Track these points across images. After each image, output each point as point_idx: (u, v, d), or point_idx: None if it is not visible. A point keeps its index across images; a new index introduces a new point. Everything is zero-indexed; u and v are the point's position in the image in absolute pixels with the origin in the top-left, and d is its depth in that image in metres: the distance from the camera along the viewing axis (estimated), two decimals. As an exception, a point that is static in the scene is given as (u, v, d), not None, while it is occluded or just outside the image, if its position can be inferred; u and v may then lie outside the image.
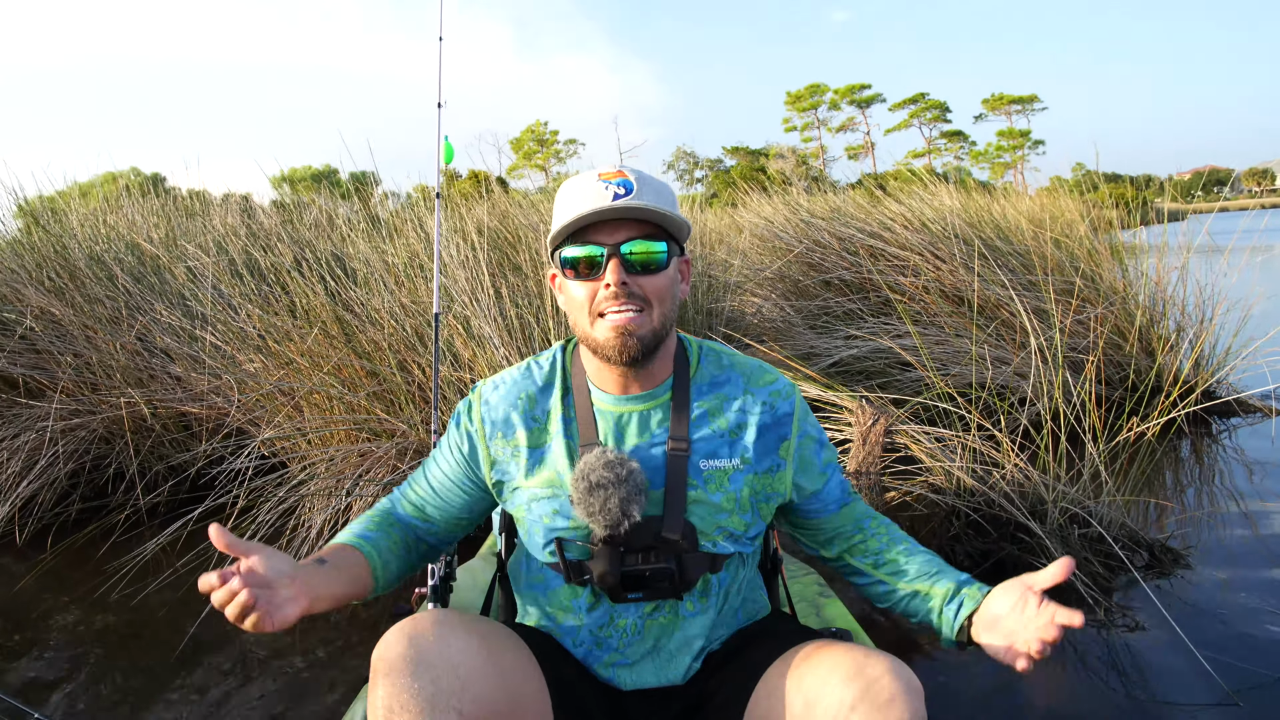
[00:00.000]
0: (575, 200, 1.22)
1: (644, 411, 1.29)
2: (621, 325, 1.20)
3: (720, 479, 1.27)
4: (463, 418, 1.37)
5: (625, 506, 1.19)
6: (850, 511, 1.41)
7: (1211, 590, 2.48)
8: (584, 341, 1.26)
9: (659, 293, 1.23)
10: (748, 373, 1.35)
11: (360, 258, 3.96)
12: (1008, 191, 7.20)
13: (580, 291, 1.23)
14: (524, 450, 1.31)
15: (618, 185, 1.21)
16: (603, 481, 1.19)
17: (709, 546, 1.26)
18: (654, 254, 1.22)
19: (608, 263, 1.20)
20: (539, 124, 58.14)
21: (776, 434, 1.31)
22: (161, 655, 2.54)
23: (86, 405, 3.76)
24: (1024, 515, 2.57)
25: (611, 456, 1.21)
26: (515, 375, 1.37)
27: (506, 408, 1.33)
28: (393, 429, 3.34)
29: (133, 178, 13.87)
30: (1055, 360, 3.21)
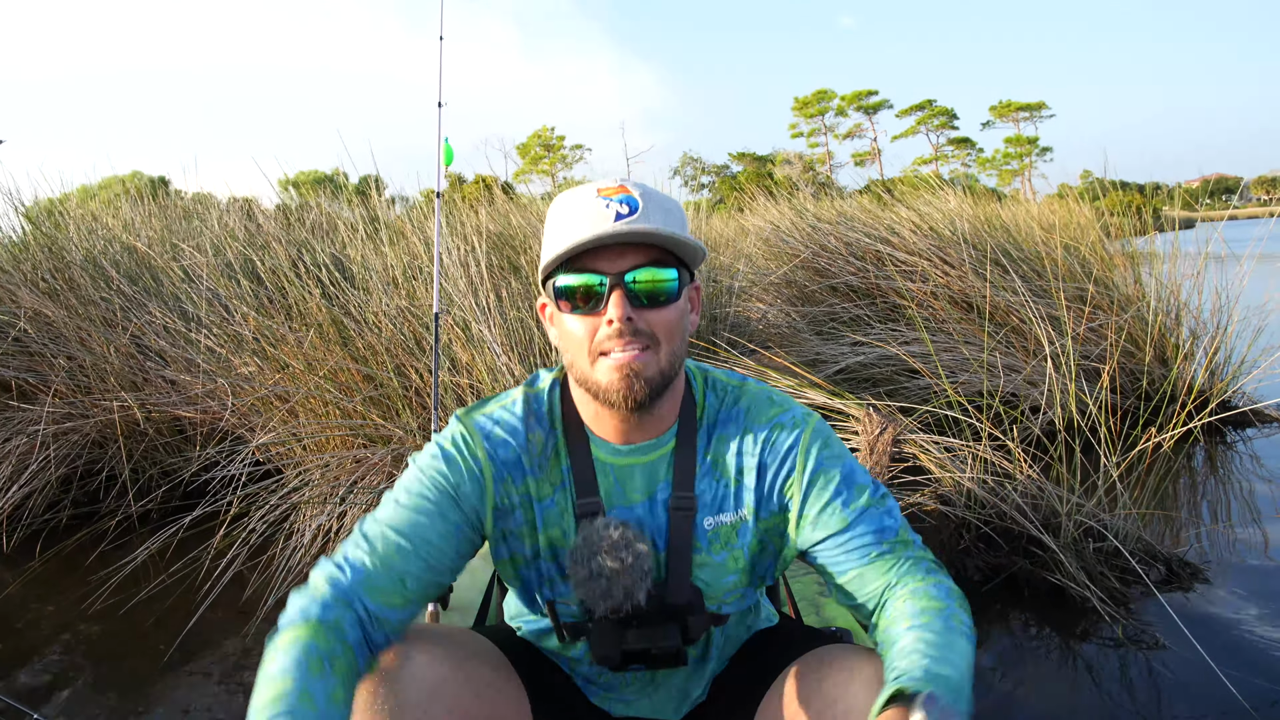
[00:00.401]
0: (571, 221, 1.06)
1: (647, 464, 1.15)
2: (626, 365, 1.04)
3: (727, 536, 1.16)
4: (460, 453, 1.13)
5: (630, 594, 1.07)
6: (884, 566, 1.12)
7: (1231, 605, 2.40)
8: (582, 384, 1.09)
9: (668, 328, 1.06)
10: (752, 408, 1.18)
11: (359, 261, 3.90)
12: (1016, 198, 7.12)
13: (578, 327, 1.06)
14: (531, 501, 1.15)
15: (620, 203, 1.04)
16: (605, 571, 1.06)
17: (715, 608, 1.17)
18: (663, 283, 1.05)
19: (610, 294, 1.03)
20: (545, 129, 58.21)
21: (778, 472, 1.15)
22: (148, 665, 2.48)
23: (79, 409, 3.70)
24: (1037, 528, 2.49)
25: (616, 536, 1.07)
26: (513, 412, 1.17)
27: (515, 449, 1.14)
28: (389, 435, 3.27)
29: (136, 181, 13.89)
30: (1069, 368, 3.12)
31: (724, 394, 1.20)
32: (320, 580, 1.05)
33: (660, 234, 1.03)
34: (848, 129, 63.48)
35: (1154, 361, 4.15)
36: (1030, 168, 57.66)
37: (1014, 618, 2.44)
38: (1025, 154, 58.71)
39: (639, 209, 1.04)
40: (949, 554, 2.76)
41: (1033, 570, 2.50)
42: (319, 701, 0.91)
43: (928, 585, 1.10)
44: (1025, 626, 2.39)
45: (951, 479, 2.74)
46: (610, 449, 1.14)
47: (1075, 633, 2.31)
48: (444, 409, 3.28)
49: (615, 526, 1.08)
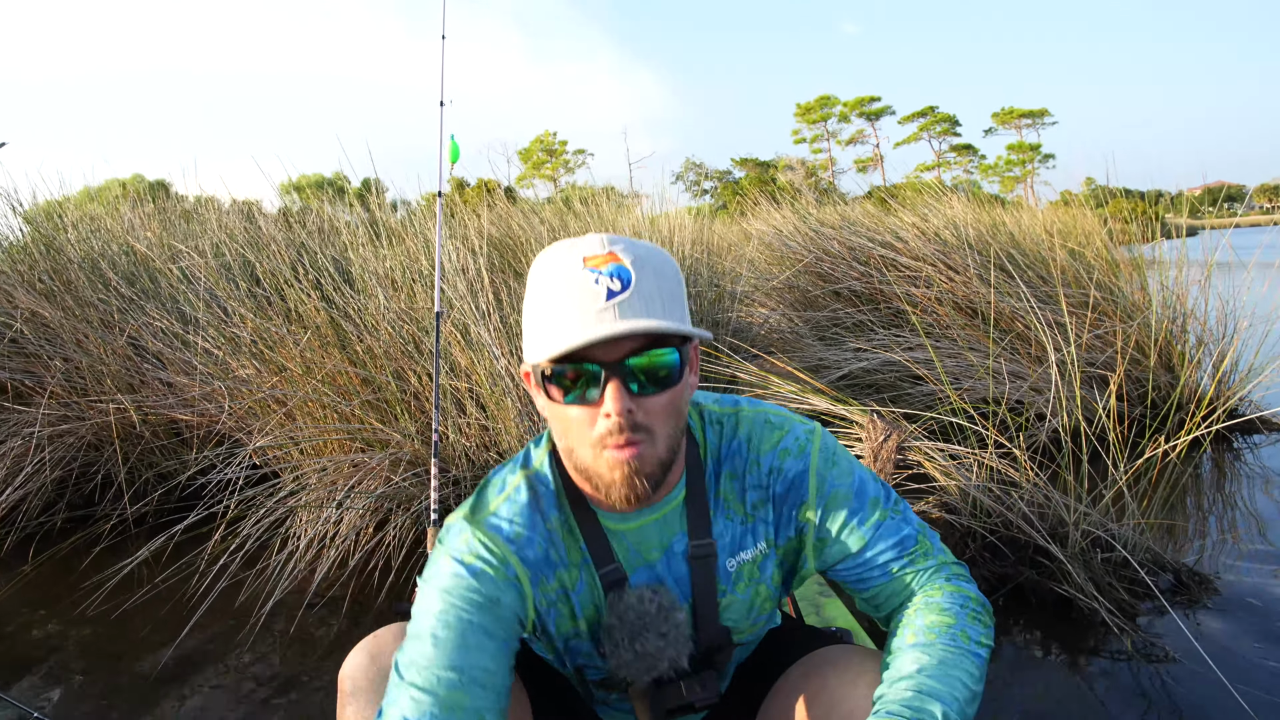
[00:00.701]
0: (559, 302, 0.94)
1: (658, 521, 1.10)
2: (625, 463, 0.96)
3: (750, 572, 1.13)
4: (489, 566, 1.04)
5: (675, 662, 1.05)
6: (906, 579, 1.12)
7: (1243, 618, 2.35)
8: (583, 473, 1.01)
9: (667, 412, 0.98)
10: (753, 436, 1.13)
11: (359, 263, 3.87)
12: (1019, 205, 7.09)
13: (575, 415, 0.97)
14: (566, 593, 1.10)
15: (610, 277, 0.92)
16: (651, 650, 1.03)
17: (746, 640, 1.18)
18: (662, 368, 0.96)
19: (606, 385, 0.94)
20: (548, 134, 58.28)
21: (791, 500, 1.12)
22: (142, 672, 2.44)
23: (75, 411, 3.67)
24: (1044, 538, 2.45)
25: (654, 611, 1.04)
26: (521, 503, 1.09)
27: (541, 545, 1.08)
28: (387, 439, 3.23)
29: (137, 184, 13.87)
30: (1075, 375, 3.08)
31: (721, 426, 1.14)
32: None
33: (663, 328, 0.92)
34: (850, 135, 63.55)
35: (1160, 368, 4.11)
36: (1033, 174, 57.65)
37: (1020, 629, 2.40)
38: (1028, 160, 58.70)
39: (631, 282, 0.93)
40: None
41: (1039, 580, 2.46)
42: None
43: (941, 597, 1.09)
44: (1032, 638, 2.35)
45: (957, 487, 2.70)
46: (618, 517, 1.09)
47: (1083, 645, 2.27)
48: (443, 412, 3.25)
49: (649, 599, 1.05)
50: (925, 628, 1.05)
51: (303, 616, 2.74)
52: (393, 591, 2.86)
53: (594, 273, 0.93)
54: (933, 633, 1.04)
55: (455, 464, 3.21)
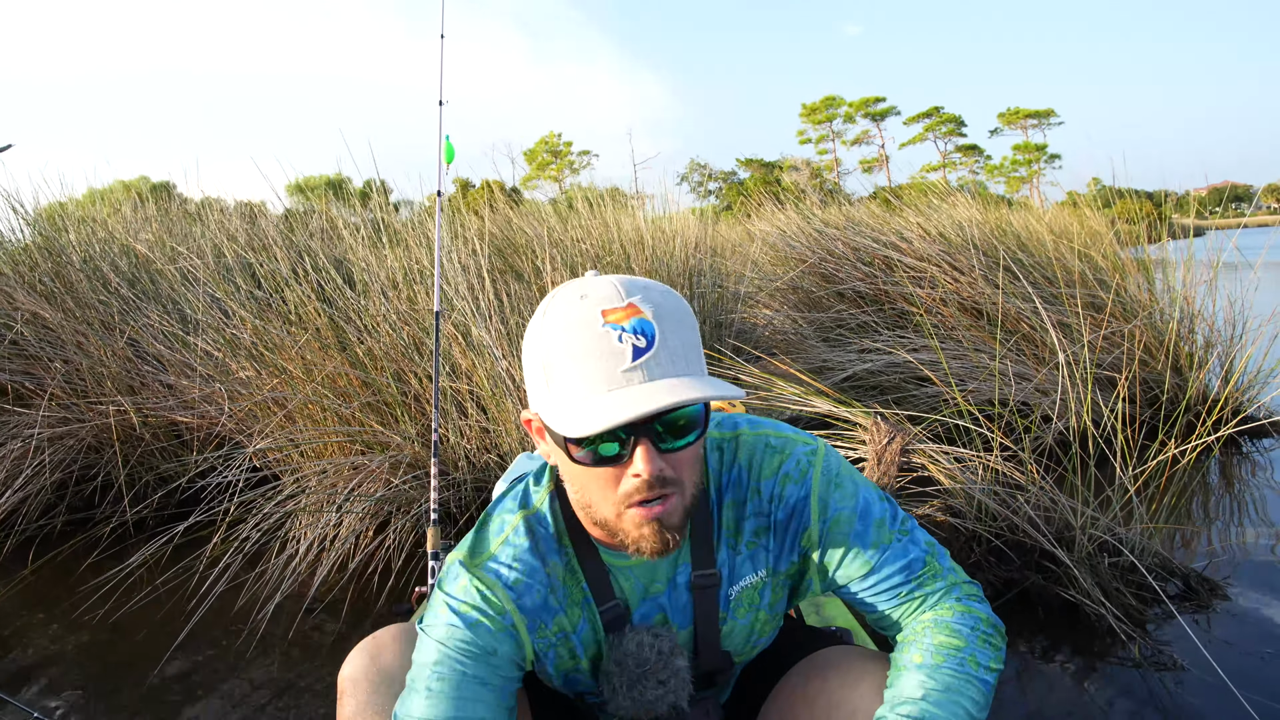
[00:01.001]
0: (582, 365, 0.89)
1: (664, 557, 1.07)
2: (654, 520, 0.93)
3: (750, 598, 1.12)
4: (485, 616, 1.02)
5: (676, 706, 1.06)
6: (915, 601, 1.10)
7: (1253, 624, 2.31)
8: (602, 527, 0.98)
9: (692, 462, 0.96)
10: (753, 461, 1.10)
11: (359, 264, 3.85)
12: (1026, 205, 7.04)
13: (599, 478, 0.94)
14: (568, 636, 1.08)
15: (634, 334, 0.88)
16: (650, 698, 1.04)
17: (742, 660, 1.18)
18: (689, 421, 0.94)
19: (635, 448, 0.91)
20: (552, 135, 58.29)
21: (793, 527, 1.10)
22: (139, 676, 2.42)
23: (75, 413, 3.66)
24: (1050, 542, 2.41)
25: (653, 657, 1.03)
26: (520, 546, 1.06)
27: (540, 592, 1.06)
28: (387, 441, 3.21)
29: (141, 186, 13.89)
30: (1085, 378, 3.04)
31: (722, 453, 1.11)
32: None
33: (703, 397, 0.86)
34: (855, 135, 63.42)
35: (1168, 370, 4.07)
36: (1039, 175, 57.47)
37: (1026, 635, 2.37)
38: (1034, 161, 58.52)
39: (655, 338, 0.89)
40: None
41: (1045, 586, 2.42)
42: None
43: (952, 617, 1.07)
44: (1038, 645, 2.32)
45: (962, 490, 2.67)
46: (625, 557, 1.07)
47: (1090, 651, 2.23)
48: (444, 414, 3.23)
49: (649, 646, 1.05)
50: (934, 648, 1.03)
51: (302, 620, 2.72)
52: (393, 595, 2.84)
53: (615, 329, 0.88)
54: (941, 654, 1.02)
55: (455, 466, 3.19)
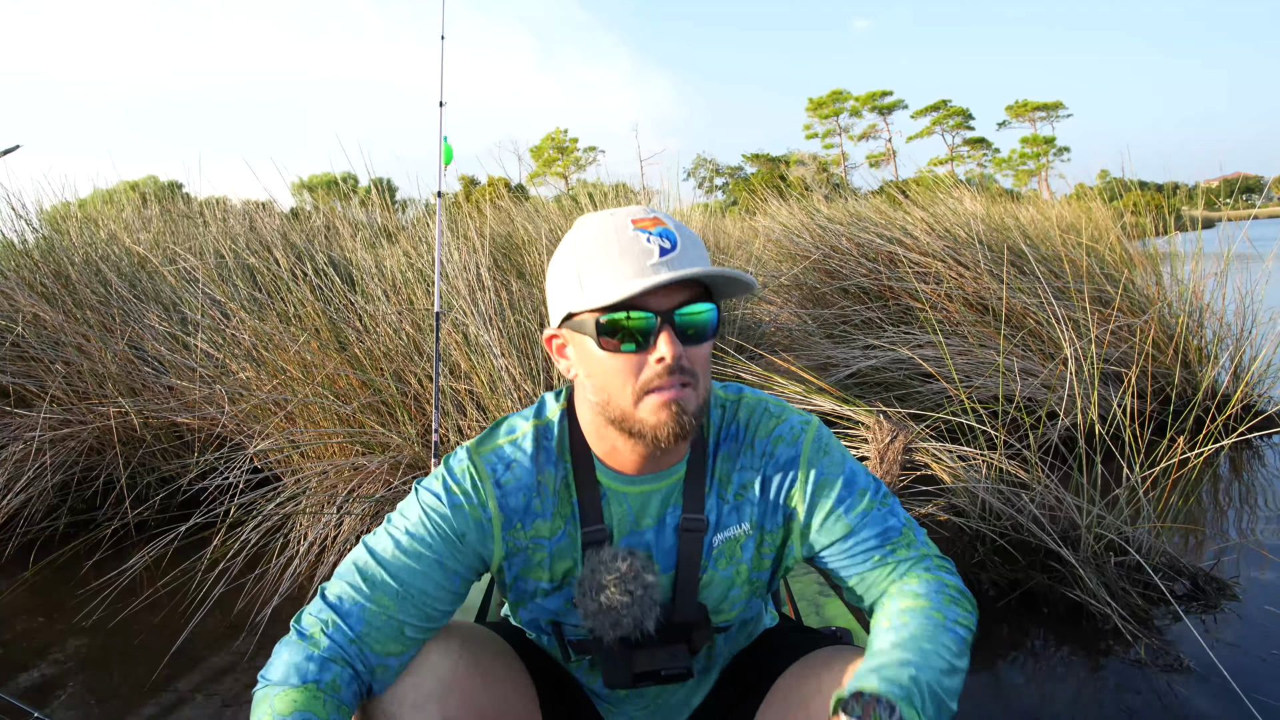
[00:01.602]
0: (613, 256, 0.99)
1: (661, 490, 1.13)
2: (673, 402, 1.00)
3: (731, 550, 1.15)
4: (467, 500, 1.10)
5: (640, 623, 1.08)
6: (888, 569, 1.15)
7: (1261, 626, 2.27)
8: (619, 421, 1.04)
9: (705, 363, 1.04)
10: (751, 421, 1.17)
11: (359, 264, 3.83)
12: (1033, 198, 6.98)
13: (620, 365, 1.01)
14: (542, 542, 1.12)
15: (660, 237, 0.99)
16: (615, 604, 1.07)
17: (724, 623, 1.19)
18: (705, 321, 1.02)
19: (659, 333, 0.99)
20: (559, 131, 58.24)
21: (780, 484, 1.15)
22: (139, 678, 2.42)
23: (76, 415, 3.66)
24: (1055, 542, 2.37)
25: (624, 568, 1.07)
26: (524, 450, 1.13)
27: (526, 495, 1.12)
28: (387, 442, 3.20)
29: (148, 185, 13.93)
30: (1092, 374, 3.00)
31: (724, 409, 1.18)
32: (317, 631, 1.03)
33: (731, 273, 0.99)
34: (862, 130, 63.17)
35: (1175, 364, 4.02)
36: (1047, 168, 57.14)
37: (1031, 635, 2.33)
38: (1042, 154, 58.19)
39: (678, 243, 1.00)
40: (963, 567, 2.65)
41: (1051, 585, 2.39)
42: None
43: (918, 584, 1.12)
44: (1042, 645, 2.28)
45: (965, 489, 2.64)
46: (623, 479, 1.12)
47: (1095, 652, 2.20)
48: (444, 414, 3.21)
49: (623, 558, 1.08)
50: (900, 611, 1.08)
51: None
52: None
53: (644, 233, 1.00)
54: (906, 615, 1.07)
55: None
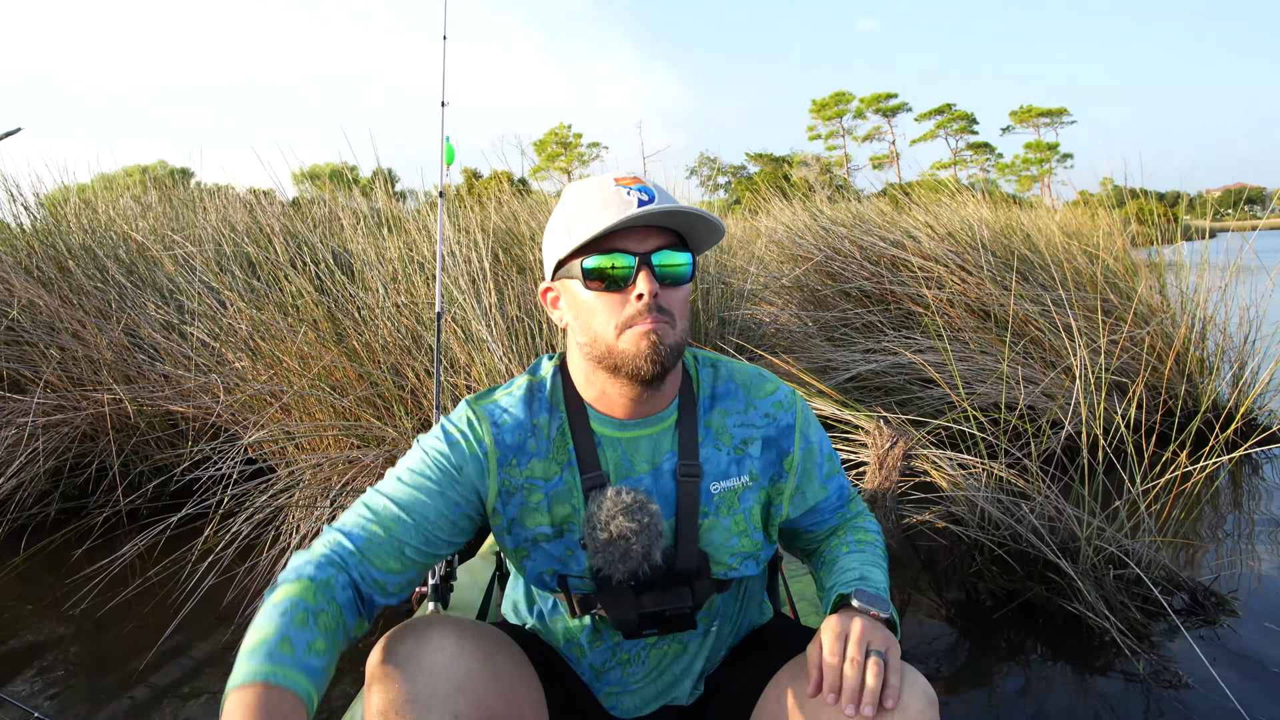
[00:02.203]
0: (597, 207, 1.12)
1: (651, 436, 1.21)
2: (651, 334, 1.10)
3: (730, 499, 1.22)
4: (464, 438, 1.19)
5: (647, 553, 1.12)
6: (839, 519, 1.35)
7: (1261, 641, 2.25)
8: (603, 358, 1.14)
9: (682, 305, 1.15)
10: (748, 383, 1.28)
11: (359, 254, 3.80)
12: (1036, 204, 6.96)
13: (604, 304, 1.12)
14: (538, 484, 1.20)
15: (639, 191, 1.12)
16: (624, 533, 1.11)
17: (723, 574, 1.22)
18: (681, 266, 1.14)
19: (638, 273, 1.10)
20: (562, 127, 58.15)
21: (779, 448, 1.26)
22: (127, 668, 2.40)
23: (70, 401, 3.63)
24: (1054, 553, 2.35)
25: (629, 500, 1.13)
26: (519, 398, 1.23)
27: (521, 434, 1.20)
28: (383, 436, 3.17)
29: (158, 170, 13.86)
30: (1099, 384, 2.98)
31: (715, 370, 1.29)
32: (320, 543, 1.12)
33: (694, 211, 1.10)
34: (866, 132, 63.12)
35: (1177, 376, 4.00)
36: (1050, 174, 57.10)
37: (1027, 647, 2.31)
38: (1045, 160, 58.15)
39: (656, 196, 1.12)
40: (960, 576, 2.63)
41: (1048, 597, 2.37)
42: (297, 649, 0.97)
43: (866, 523, 1.34)
44: (1039, 657, 2.26)
45: (964, 497, 2.61)
46: (615, 424, 1.20)
47: (1092, 666, 2.18)
48: (443, 410, 3.19)
49: (626, 493, 1.13)
50: (857, 541, 1.28)
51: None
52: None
53: (625, 188, 1.12)
54: (863, 545, 1.28)
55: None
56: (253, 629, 0.99)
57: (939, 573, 2.77)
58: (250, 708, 0.90)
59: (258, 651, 0.95)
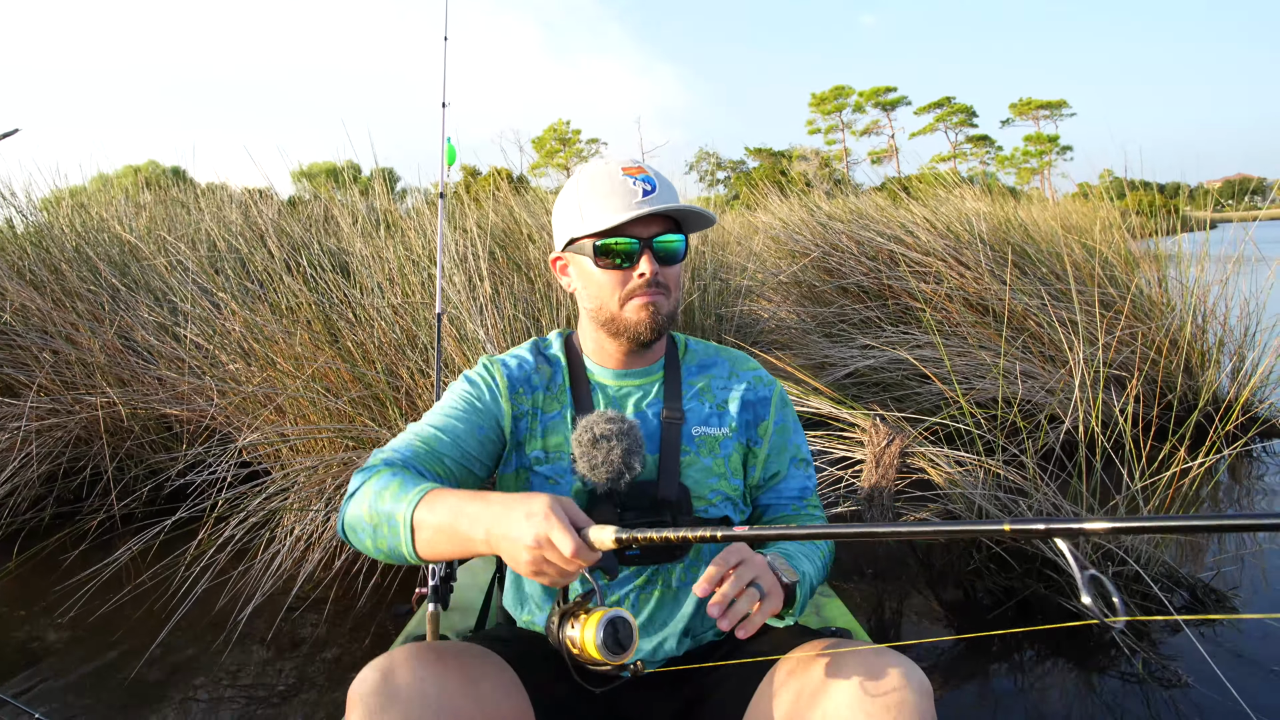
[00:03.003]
0: (604, 196, 1.30)
1: (640, 385, 1.40)
2: (650, 304, 1.31)
3: (711, 444, 1.38)
4: (481, 375, 1.40)
5: (627, 458, 1.24)
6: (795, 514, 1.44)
7: (1261, 638, 2.23)
8: (608, 323, 1.34)
9: (677, 280, 1.36)
10: (733, 359, 1.48)
11: (357, 255, 3.78)
12: (1035, 197, 6.92)
13: (611, 279, 1.32)
14: (538, 412, 1.38)
15: (644, 182, 1.30)
16: (606, 434, 1.24)
17: (703, 510, 1.34)
18: (677, 248, 1.33)
19: (641, 254, 1.30)
20: (561, 123, 58.03)
21: (755, 412, 1.43)
22: (120, 675, 2.38)
23: (64, 405, 3.61)
24: (1052, 550, 2.33)
25: (612, 414, 1.27)
26: (526, 349, 1.45)
27: (526, 372, 1.41)
28: (378, 438, 3.15)
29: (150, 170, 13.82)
30: (1097, 378, 2.95)
31: (703, 346, 1.50)
32: (375, 459, 1.27)
33: (692, 208, 1.30)
34: (865, 125, 62.98)
35: (1177, 370, 3.97)
36: (1050, 166, 56.97)
37: (1025, 647, 2.30)
38: (1045, 152, 58.01)
39: (657, 187, 1.30)
40: (957, 574, 2.61)
41: (1047, 595, 2.35)
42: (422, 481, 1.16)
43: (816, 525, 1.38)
44: (1037, 656, 2.25)
45: (961, 495, 2.59)
46: (611, 374, 1.40)
47: (1092, 665, 2.16)
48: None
49: (609, 412, 1.28)
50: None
51: (284, 619, 2.67)
52: (375, 594, 2.79)
53: (630, 178, 1.30)
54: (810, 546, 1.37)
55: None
56: (367, 497, 1.16)
57: (936, 571, 2.75)
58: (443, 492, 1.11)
59: (395, 491, 1.14)
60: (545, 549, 0.97)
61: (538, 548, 0.97)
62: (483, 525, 1.02)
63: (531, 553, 0.97)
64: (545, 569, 0.99)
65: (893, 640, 2.38)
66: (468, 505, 1.05)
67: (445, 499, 1.08)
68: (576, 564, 0.97)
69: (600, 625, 1.02)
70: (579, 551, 0.96)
